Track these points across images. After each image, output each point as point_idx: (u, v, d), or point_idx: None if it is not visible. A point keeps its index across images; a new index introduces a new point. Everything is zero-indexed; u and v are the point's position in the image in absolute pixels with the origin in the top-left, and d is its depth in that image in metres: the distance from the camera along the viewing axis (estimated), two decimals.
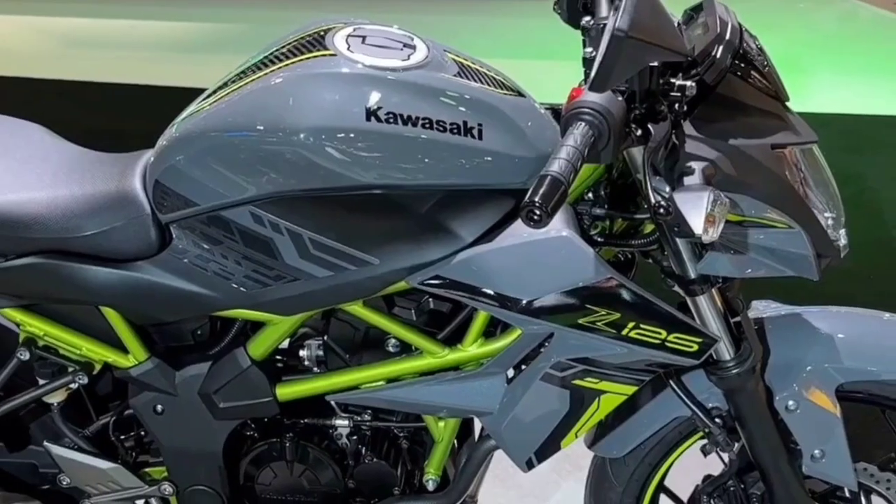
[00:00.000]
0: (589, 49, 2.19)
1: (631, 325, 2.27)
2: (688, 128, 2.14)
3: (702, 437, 2.63)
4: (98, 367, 2.63)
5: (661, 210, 2.02)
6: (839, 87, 6.13)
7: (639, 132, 2.04)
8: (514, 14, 7.21)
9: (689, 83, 2.06)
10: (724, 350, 2.39)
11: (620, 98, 1.94)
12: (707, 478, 2.75)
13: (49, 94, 6.59)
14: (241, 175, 2.23)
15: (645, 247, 2.33)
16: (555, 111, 2.31)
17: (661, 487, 2.80)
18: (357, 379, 2.52)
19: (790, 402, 2.50)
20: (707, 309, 2.34)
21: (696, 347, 2.31)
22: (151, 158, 2.38)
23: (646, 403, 2.59)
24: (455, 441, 2.66)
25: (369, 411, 2.62)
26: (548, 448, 2.51)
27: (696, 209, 1.97)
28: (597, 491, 2.80)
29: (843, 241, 2.33)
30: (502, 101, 2.25)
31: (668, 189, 2.09)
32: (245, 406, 2.57)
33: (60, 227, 2.42)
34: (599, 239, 2.32)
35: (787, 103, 2.29)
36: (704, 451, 2.66)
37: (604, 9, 2.24)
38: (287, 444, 2.65)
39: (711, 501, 2.70)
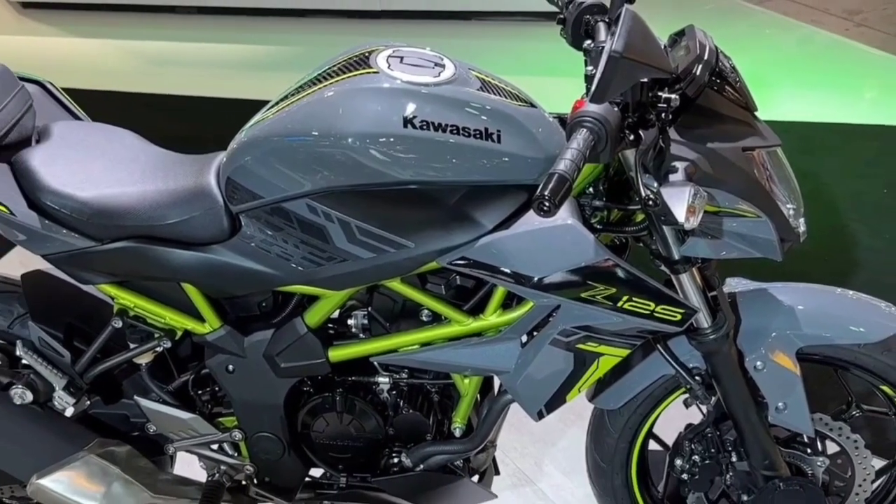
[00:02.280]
0: (590, 68, 2.19)
1: (625, 298, 2.27)
2: (672, 133, 2.14)
3: (684, 393, 2.63)
4: (179, 333, 2.64)
5: (651, 202, 2.02)
6: (799, 100, 6.11)
7: (631, 137, 2.04)
8: (528, 38, 7.19)
9: (673, 96, 2.05)
10: (703, 319, 2.40)
11: (616, 108, 1.94)
12: (688, 426, 2.75)
13: (138, 105, 6.59)
14: (299, 173, 2.23)
15: (637, 233, 2.33)
16: (561, 119, 2.31)
17: (650, 434, 2.81)
18: (396, 343, 2.52)
19: (758, 363, 2.50)
20: (688, 285, 2.34)
21: (679, 317, 2.31)
22: (224, 159, 2.39)
23: (637, 364, 2.59)
24: (478, 395, 2.66)
25: (406, 370, 2.62)
26: (555, 401, 2.51)
27: (680, 201, 1.97)
28: (596, 437, 2.80)
29: (802, 228, 2.32)
30: (517, 111, 2.24)
31: (656, 184, 2.08)
32: (302, 366, 2.58)
33: (148, 217, 2.42)
34: (598, 226, 2.32)
35: (756, 113, 2.28)
36: (686, 404, 2.67)
37: (602, 34, 2.24)
38: (337, 398, 2.65)
39: (692, 446, 2.71)
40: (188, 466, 2.98)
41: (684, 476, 2.74)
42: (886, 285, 4.34)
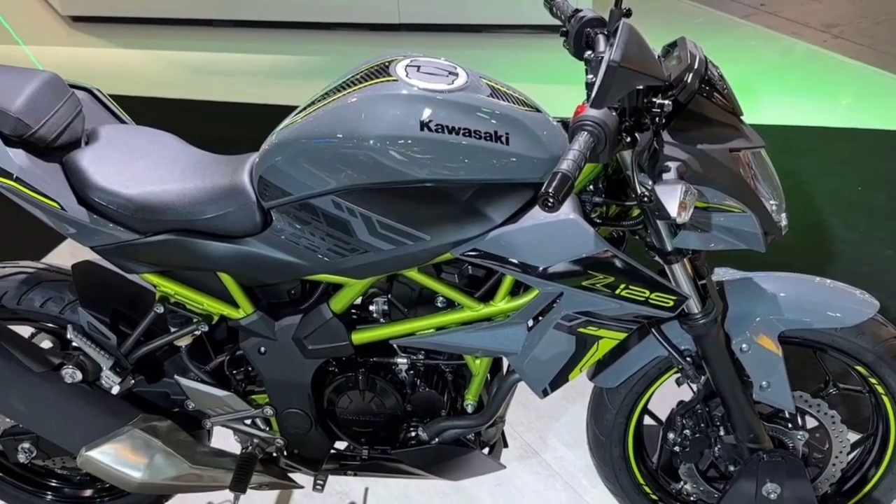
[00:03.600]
0: (590, 76, 2.19)
1: (622, 286, 2.27)
2: (666, 136, 2.14)
3: (676, 372, 2.63)
4: (216, 318, 2.63)
5: (646, 199, 2.02)
6: (781, 105, 6.10)
7: (628, 139, 2.05)
8: (533, 49, 7.20)
9: (666, 102, 2.06)
10: (694, 305, 2.40)
11: (614, 113, 1.94)
12: (680, 403, 2.75)
13: (178, 110, 6.60)
14: (325, 172, 2.23)
15: (633, 227, 2.33)
16: (564, 123, 2.30)
17: (645, 410, 2.80)
18: (413, 327, 2.52)
19: (744, 345, 2.50)
20: (680, 274, 2.34)
21: (671, 303, 2.31)
22: (256, 159, 2.39)
23: (633, 346, 2.59)
24: (488, 375, 2.66)
25: (422, 352, 2.62)
26: (559, 380, 2.51)
27: (672, 197, 1.97)
28: (596, 413, 2.80)
29: (784, 223, 2.32)
30: (524, 116, 2.24)
31: (650, 182, 2.08)
32: (328, 348, 2.58)
33: (187, 212, 2.42)
34: (598, 221, 2.32)
35: (742, 117, 2.28)
36: (678, 383, 2.67)
37: (601, 45, 2.24)
38: (360, 377, 2.65)
39: (683, 421, 2.71)
40: (224, 440, 2.99)
41: (676, 448, 2.74)
42: (861, 275, 4.33)
